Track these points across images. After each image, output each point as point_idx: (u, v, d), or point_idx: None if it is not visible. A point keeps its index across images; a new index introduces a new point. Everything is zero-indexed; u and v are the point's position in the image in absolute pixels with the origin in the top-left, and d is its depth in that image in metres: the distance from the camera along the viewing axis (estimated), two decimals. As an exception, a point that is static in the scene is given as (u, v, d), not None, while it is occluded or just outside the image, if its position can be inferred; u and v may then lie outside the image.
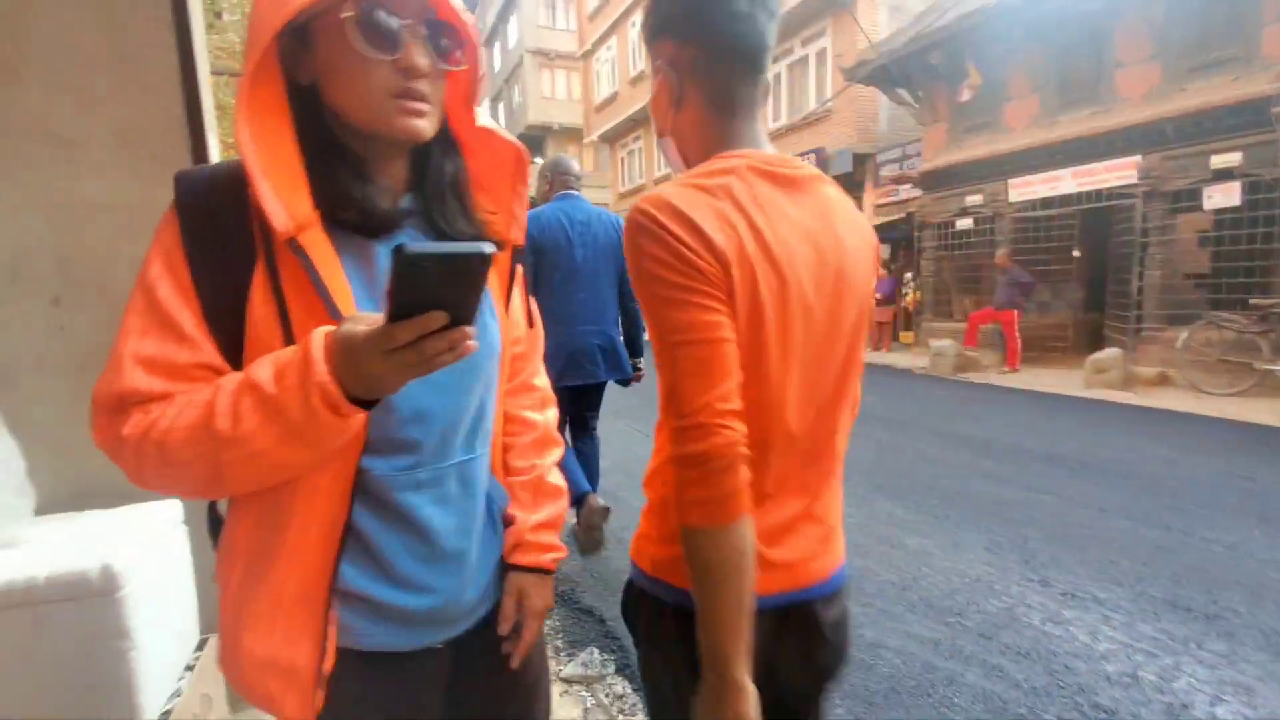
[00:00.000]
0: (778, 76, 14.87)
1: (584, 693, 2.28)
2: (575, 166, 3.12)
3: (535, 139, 30.09)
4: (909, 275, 11.92)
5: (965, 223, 10.41)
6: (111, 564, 1.21)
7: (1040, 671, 2.14)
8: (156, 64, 1.52)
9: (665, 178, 19.97)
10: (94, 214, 1.52)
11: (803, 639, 0.87)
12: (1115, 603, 2.57)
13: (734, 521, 0.70)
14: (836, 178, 12.86)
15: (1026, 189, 9.54)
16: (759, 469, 0.77)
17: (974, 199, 10.24)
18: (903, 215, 11.63)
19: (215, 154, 1.67)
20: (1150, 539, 3.16)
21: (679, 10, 0.86)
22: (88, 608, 1.20)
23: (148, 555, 1.35)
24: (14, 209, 1.47)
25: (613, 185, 24.60)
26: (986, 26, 9.36)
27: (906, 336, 12.34)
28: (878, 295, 11.92)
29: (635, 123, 21.11)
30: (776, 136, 14.64)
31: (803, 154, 13.57)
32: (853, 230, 0.87)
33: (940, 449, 4.91)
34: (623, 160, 23.29)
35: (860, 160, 12.83)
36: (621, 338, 3.09)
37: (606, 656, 2.41)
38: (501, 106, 34.15)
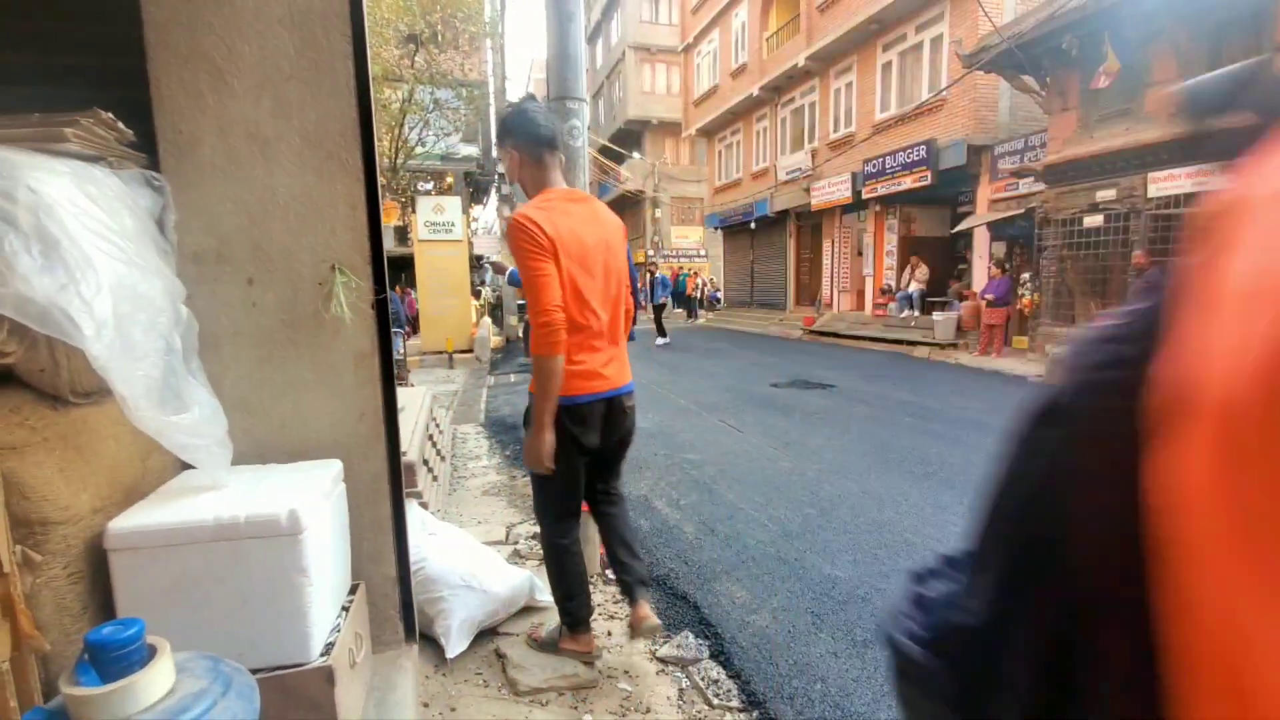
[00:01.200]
0: (887, 65, 14.27)
1: (679, 673, 2.36)
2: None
3: (633, 133, 30.45)
4: (1026, 275, 11.12)
5: (1095, 219, 9.60)
6: (297, 510, 1.40)
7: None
8: (338, 73, 1.72)
9: (763, 171, 19.64)
10: (282, 205, 1.74)
11: (619, 411, 2.12)
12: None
13: (555, 355, 1.84)
14: (948, 171, 12.24)
15: (1169, 184, 8.66)
16: (587, 334, 1.97)
17: (1106, 194, 9.41)
18: (1022, 211, 10.86)
19: (376, 153, 1.86)
20: None
21: (514, 129, 2.05)
22: (276, 545, 1.40)
23: (322, 504, 1.54)
24: (223, 199, 1.71)
25: (709, 179, 24.48)
26: (1128, 5, 8.56)
27: (1020, 341, 11.54)
28: (989, 296, 11.24)
29: (735, 115, 20.90)
30: (885, 128, 14.08)
31: (911, 146, 12.97)
32: (610, 223, 2.09)
33: (1058, 462, 4.60)
34: (720, 154, 23.12)
35: (976, 152, 12.09)
36: None
37: (701, 641, 2.47)
38: (601, 103, 34.79)
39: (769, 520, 3.60)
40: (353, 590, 1.75)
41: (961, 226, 12.35)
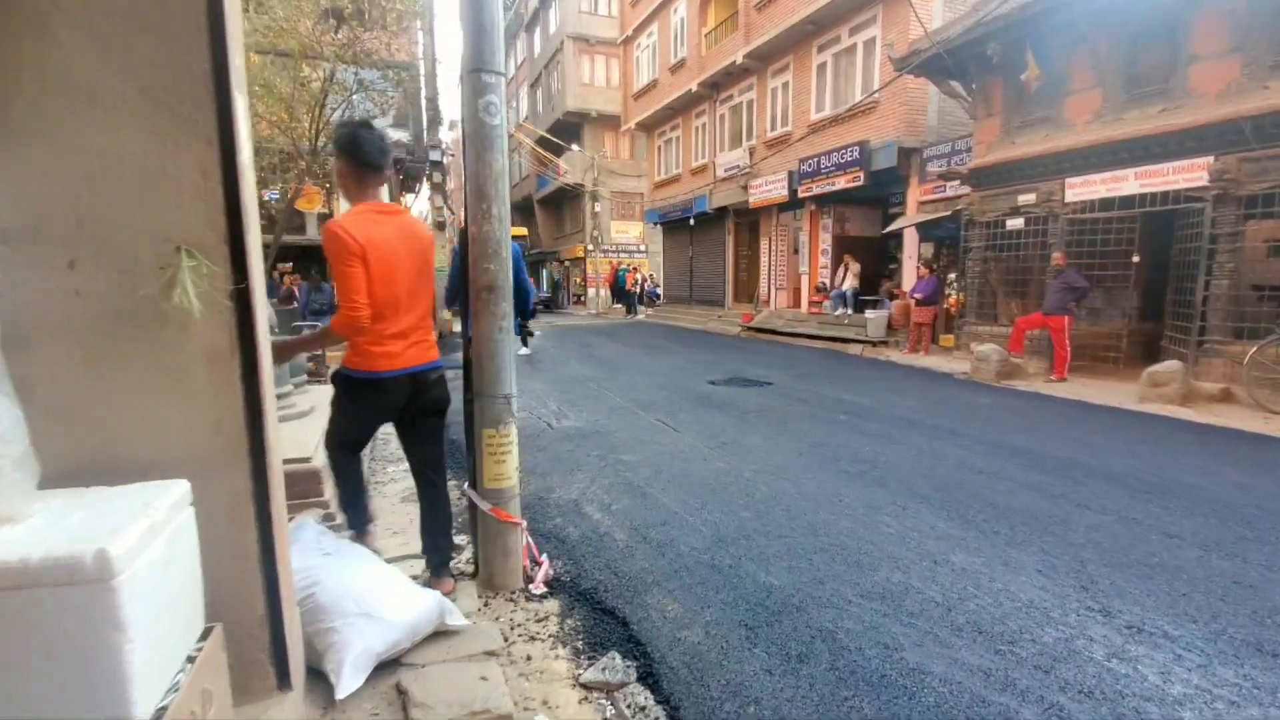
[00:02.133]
0: (822, 66, 14.48)
1: (603, 700, 2.16)
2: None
3: (572, 125, 29.99)
4: (952, 275, 11.50)
5: (1016, 223, 9.98)
6: (107, 549, 1.11)
7: (1107, 715, 1.95)
8: (188, 19, 1.42)
9: (702, 168, 19.67)
10: (113, 173, 1.43)
11: (424, 386, 2.50)
12: (1189, 641, 2.35)
13: (350, 339, 2.33)
14: (880, 172, 12.50)
15: (1085, 189, 9.08)
16: (392, 322, 2.35)
17: (1027, 198, 9.80)
18: (949, 213, 11.21)
19: (243, 120, 1.57)
20: (1227, 571, 2.91)
21: (345, 148, 2.33)
22: (81, 595, 1.11)
23: (151, 538, 1.25)
24: (38, 166, 1.38)
25: (649, 174, 24.36)
26: (1049, 15, 8.90)
27: (947, 340, 11.94)
28: (917, 295, 11.56)
29: (674, 111, 20.84)
30: (820, 128, 14.28)
31: (845, 147, 13.19)
32: (419, 234, 2.45)
33: (986, 459, 4.67)
34: (660, 149, 23.03)
35: (906, 154, 12.42)
36: None
37: (629, 663, 2.28)
38: (540, 93, 34.10)
39: (703, 525, 3.45)
40: (205, 635, 1.46)
41: (892, 227, 12.67)
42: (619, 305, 26.13)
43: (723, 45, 17.70)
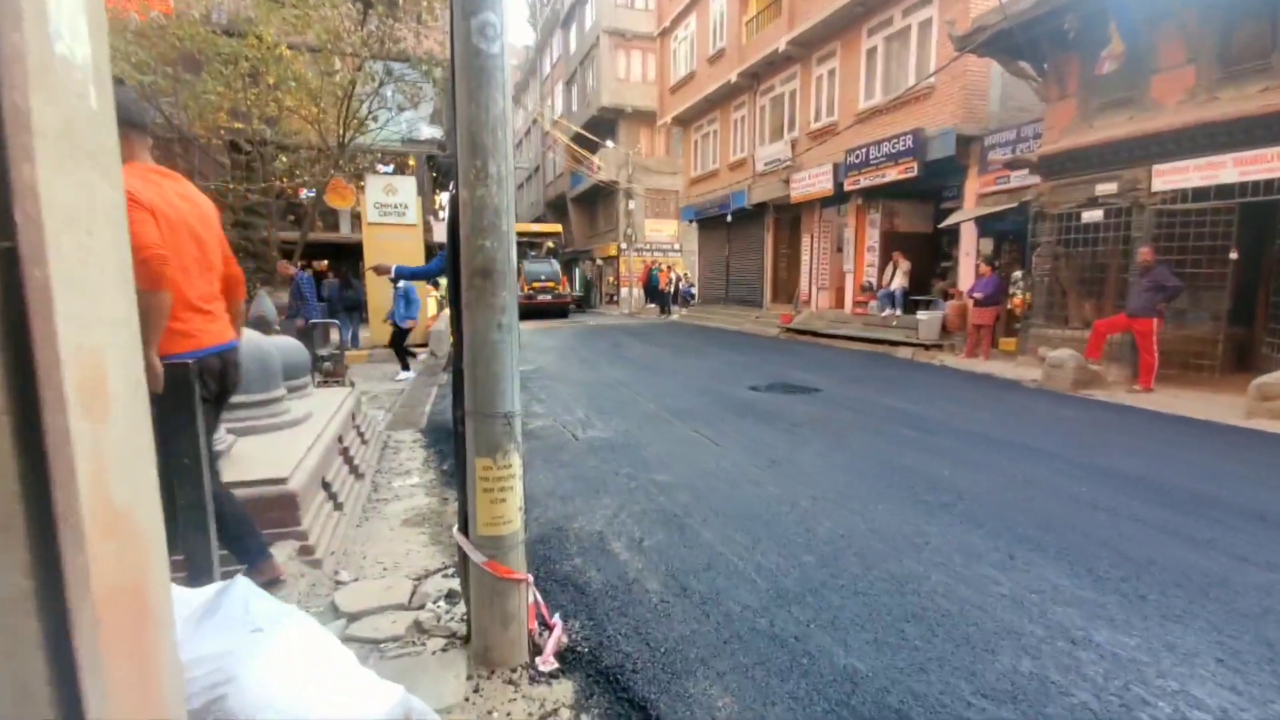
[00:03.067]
0: (872, 51, 13.59)
1: None
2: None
3: (607, 121, 29.47)
4: (1018, 274, 10.54)
5: (1093, 215, 9.01)
6: None
7: None
8: None
9: (741, 162, 18.90)
10: None
11: (225, 365, 2.42)
12: None
13: (162, 289, 2.03)
14: (936, 163, 11.58)
15: (1176, 177, 8.09)
16: (189, 292, 2.25)
17: (1107, 187, 8.83)
18: (1015, 205, 10.26)
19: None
20: None
21: (120, 113, 1.62)
22: None
23: None
24: None
25: (685, 170, 23.66)
26: (1138, -17, 7.96)
27: (1008, 343, 10.97)
28: (977, 295, 10.63)
29: (712, 103, 20.10)
30: (868, 117, 13.41)
31: (897, 136, 12.31)
32: (202, 201, 2.40)
33: (1095, 489, 3.87)
34: (696, 143, 22.31)
35: (965, 143, 11.48)
36: None
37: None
38: (575, 90, 33.68)
39: (757, 572, 2.77)
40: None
41: (949, 221, 11.73)
42: (652, 305, 25.49)
43: (764, 33, 16.90)
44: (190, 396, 2.03)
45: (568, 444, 5.15)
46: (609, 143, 28.46)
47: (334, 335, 9.09)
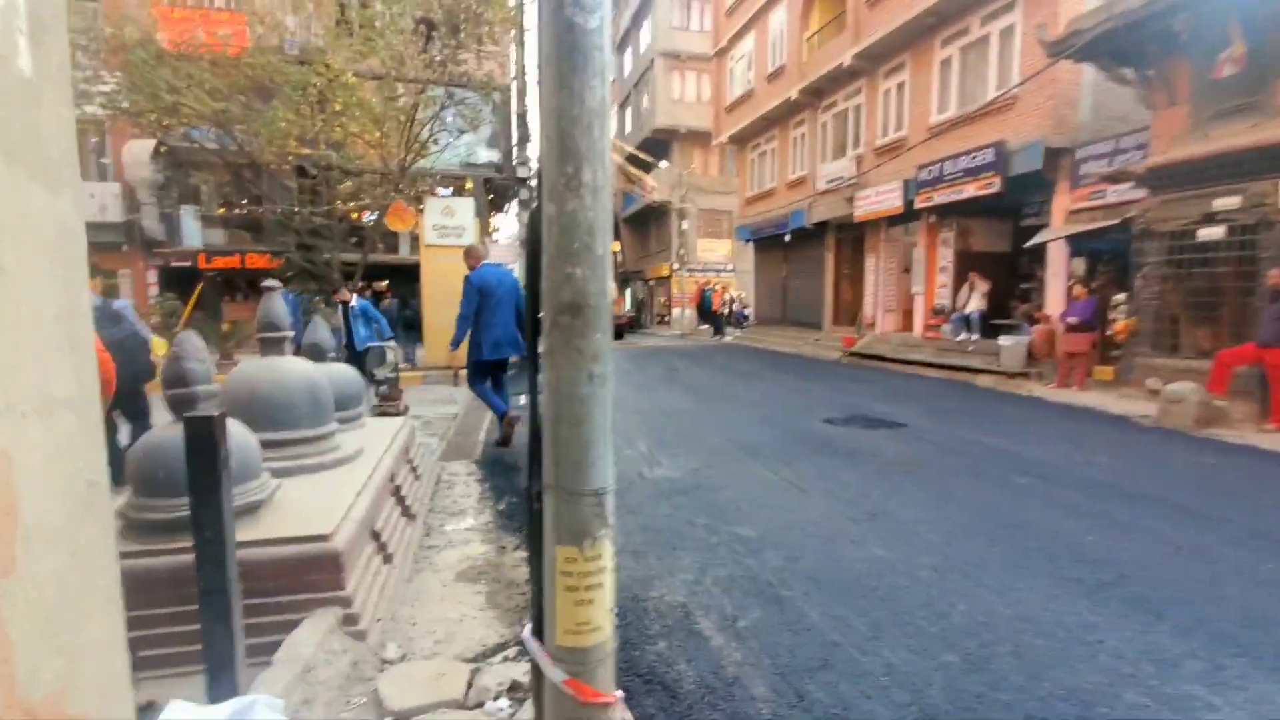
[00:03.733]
0: (946, 62, 12.91)
1: None
2: (482, 250, 6.09)
3: (661, 143, 29.37)
4: (1120, 296, 9.60)
5: (1212, 232, 8.09)
6: None
7: None
8: None
9: (800, 180, 18.33)
10: None
11: None
12: None
13: None
14: (1020, 177, 10.76)
15: (1314, 189, 7.16)
16: None
17: (1227, 202, 7.91)
18: (1117, 222, 9.36)
19: None
20: None
21: None
22: None
23: None
24: None
25: (741, 189, 23.21)
26: (1267, -25, 7.14)
27: (1103, 372, 10.01)
28: (1072, 320, 9.73)
29: (770, 121, 19.65)
30: (942, 131, 12.69)
31: (976, 150, 11.57)
32: None
33: (1283, 564, 3.16)
34: (752, 162, 21.86)
35: (1053, 156, 10.65)
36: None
37: None
38: (629, 112, 33.82)
39: (888, 675, 2.23)
40: None
41: (1037, 240, 10.85)
42: (704, 326, 24.98)
43: (827, 48, 16.39)
44: (214, 458, 1.66)
45: (634, 484, 4.69)
46: (663, 163, 28.32)
47: (390, 357, 8.94)
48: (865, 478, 4.72)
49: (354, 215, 14.72)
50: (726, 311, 23.40)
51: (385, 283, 21.72)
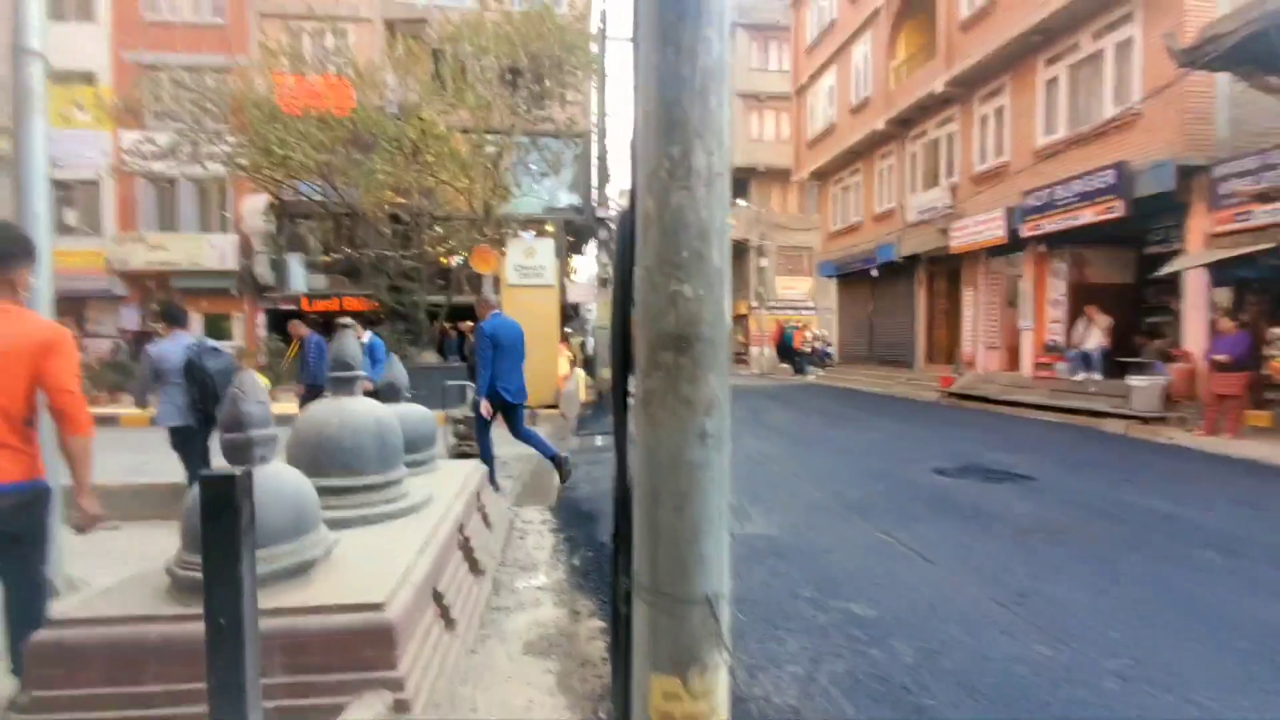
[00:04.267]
0: (1051, 82, 12.02)
1: None
2: (493, 299, 6.20)
3: (739, 182, 29.19)
4: (1278, 331, 8.30)
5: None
6: None
7: None
8: None
9: (887, 214, 17.53)
10: None
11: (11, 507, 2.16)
12: None
13: None
14: (1146, 200, 9.64)
15: None
16: None
17: None
18: (1274, 245, 8.13)
19: None
20: None
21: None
22: None
23: None
24: None
25: (823, 225, 22.53)
26: None
27: (1258, 417, 8.62)
28: (1220, 357, 8.47)
29: (854, 154, 19.03)
30: (1050, 155, 11.73)
31: (1093, 172, 10.56)
32: (14, 332, 2.18)
33: None
34: (835, 197, 21.21)
35: (1186, 175, 9.51)
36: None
37: None
38: (706, 151, 33.93)
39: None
40: None
41: (1172, 268, 9.62)
42: (785, 365, 24.11)
43: (915, 76, 15.75)
44: (234, 526, 1.35)
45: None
46: (740, 201, 28.06)
47: (470, 397, 8.88)
48: (1000, 546, 4.01)
49: (441, 259, 15.20)
50: (809, 350, 22.50)
51: (469, 323, 22.37)
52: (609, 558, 3.61)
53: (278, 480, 2.40)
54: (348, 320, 3.64)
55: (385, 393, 4.43)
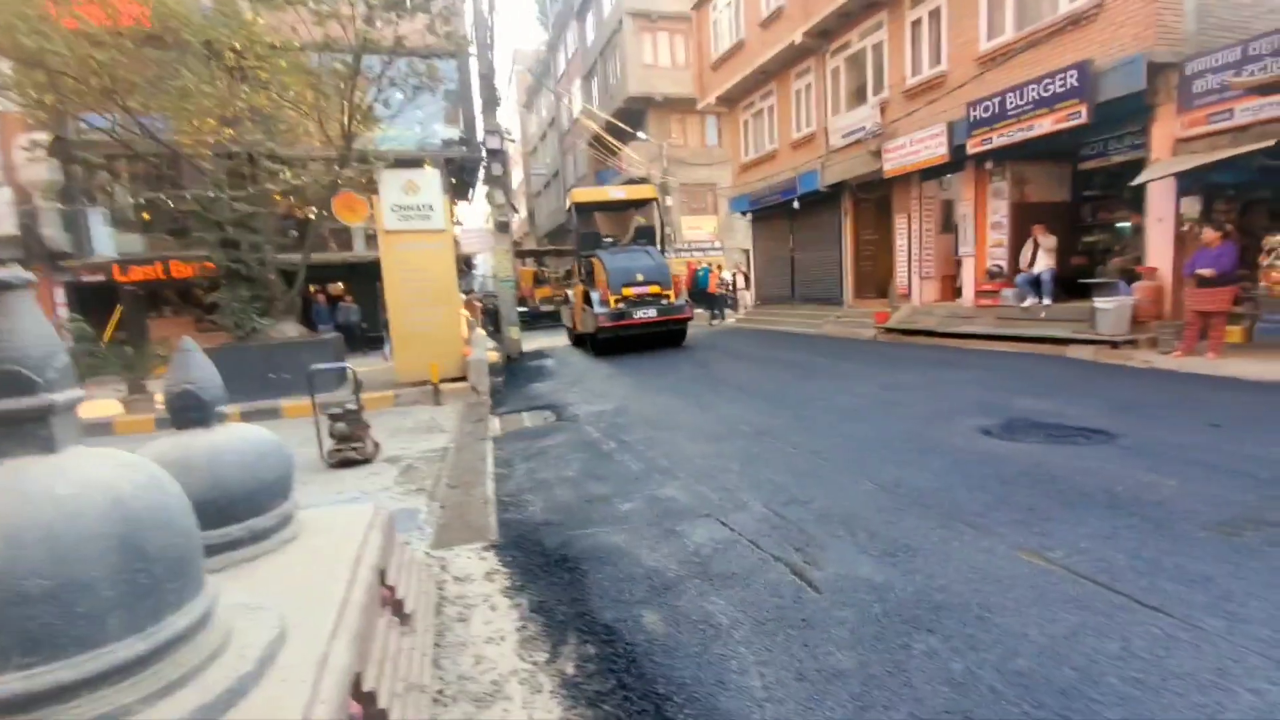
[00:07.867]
0: (995, -22, 10.85)
1: None
2: None
3: (635, 113, 26.94)
4: (1277, 239, 7.73)
5: None
6: None
7: None
8: None
9: (807, 139, 16.24)
10: None
11: None
12: None
13: None
14: (1113, 103, 8.50)
15: None
16: None
17: None
18: (1274, 143, 7.41)
19: None
20: None
21: None
22: None
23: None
24: None
25: (734, 155, 21.00)
26: None
27: (1233, 333, 8.19)
28: (1206, 271, 7.83)
29: (767, 75, 17.47)
30: (995, 60, 10.69)
31: (1051, 75, 9.57)
32: None
33: None
34: (746, 124, 19.67)
35: (1153, 74, 8.70)
36: None
37: None
38: (595, 83, 31.23)
39: None
40: None
41: (1150, 176, 8.80)
42: (700, 310, 22.87)
43: (836, -20, 14.23)
44: None
45: (806, 606, 2.54)
46: (640, 134, 25.94)
47: (351, 379, 6.61)
48: (1213, 557, 2.64)
49: (296, 212, 12.16)
50: (726, 292, 21.33)
51: (340, 285, 19.06)
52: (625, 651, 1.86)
53: None
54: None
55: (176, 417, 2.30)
